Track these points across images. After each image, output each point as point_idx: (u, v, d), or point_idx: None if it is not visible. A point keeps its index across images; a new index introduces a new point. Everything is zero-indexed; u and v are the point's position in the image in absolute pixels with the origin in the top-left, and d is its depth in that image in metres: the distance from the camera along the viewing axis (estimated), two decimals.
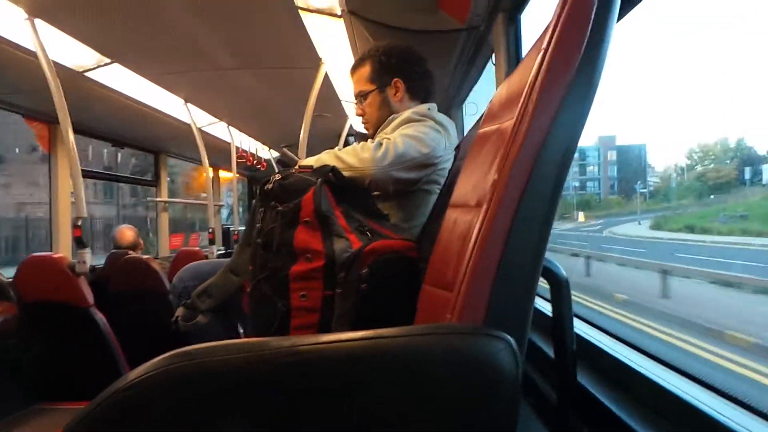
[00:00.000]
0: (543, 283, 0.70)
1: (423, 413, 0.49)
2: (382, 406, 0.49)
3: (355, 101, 1.60)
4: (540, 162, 0.54)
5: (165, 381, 0.48)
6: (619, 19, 0.58)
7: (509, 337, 0.49)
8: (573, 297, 0.73)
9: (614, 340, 0.97)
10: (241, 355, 0.49)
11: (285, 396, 0.49)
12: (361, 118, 1.61)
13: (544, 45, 0.56)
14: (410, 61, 1.52)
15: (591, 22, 0.53)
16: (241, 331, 1.77)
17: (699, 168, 20.70)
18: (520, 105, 0.57)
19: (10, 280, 2.36)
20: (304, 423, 0.49)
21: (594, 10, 0.53)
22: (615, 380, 0.84)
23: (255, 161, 4.85)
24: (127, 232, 3.47)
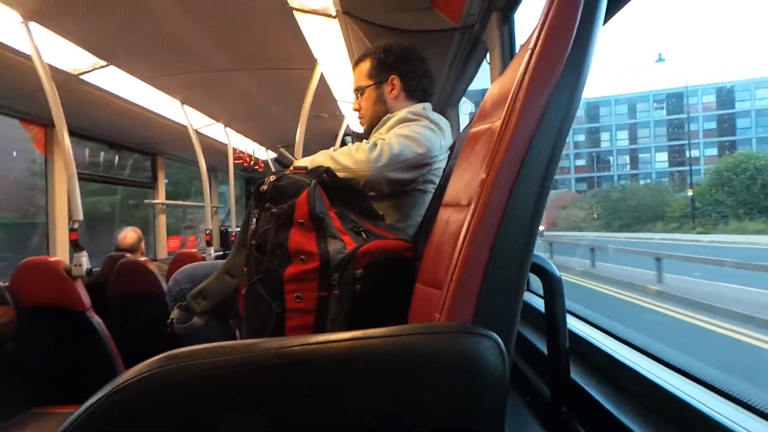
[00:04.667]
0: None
1: (412, 412, 0.49)
2: (372, 406, 0.50)
3: (354, 96, 1.62)
4: (528, 160, 0.54)
5: (153, 384, 0.48)
6: (605, 22, 0.59)
7: (495, 335, 0.49)
8: None
9: (606, 336, 0.98)
10: (230, 358, 0.49)
11: (274, 397, 0.49)
12: (357, 113, 1.62)
13: (531, 45, 0.56)
14: (408, 59, 1.54)
15: (577, 22, 0.53)
16: (238, 333, 1.78)
17: None
18: (507, 104, 0.57)
19: (6, 284, 2.36)
20: (293, 424, 0.49)
21: (580, 11, 0.54)
22: (607, 376, 0.85)
23: (252, 162, 4.85)
24: (129, 234, 3.48)
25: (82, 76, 2.48)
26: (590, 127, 42.92)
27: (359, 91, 1.58)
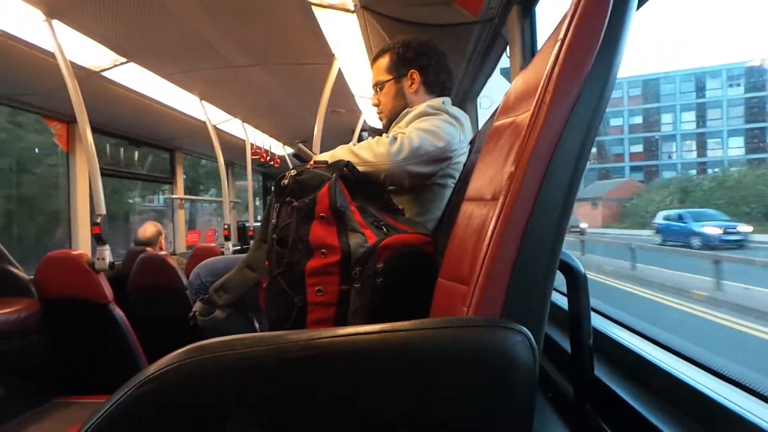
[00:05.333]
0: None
1: (440, 405, 0.49)
2: (400, 398, 0.49)
3: (373, 91, 1.62)
4: (557, 154, 0.53)
5: (181, 375, 0.48)
6: (638, 8, 0.57)
7: (526, 329, 0.49)
8: None
9: (632, 334, 0.96)
10: (258, 349, 0.49)
11: (302, 389, 0.49)
12: (376, 109, 1.62)
13: (561, 35, 0.55)
14: (428, 54, 1.53)
15: (609, 12, 0.52)
16: (257, 326, 1.79)
17: None
18: (537, 97, 0.56)
19: (32, 277, 2.41)
20: (321, 416, 0.49)
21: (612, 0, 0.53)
22: (632, 374, 0.84)
23: (269, 158, 4.88)
24: (149, 228, 3.52)
25: (103, 73, 2.52)
26: (649, 107, 35.98)
27: (378, 86, 1.58)
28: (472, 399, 0.49)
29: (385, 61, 1.56)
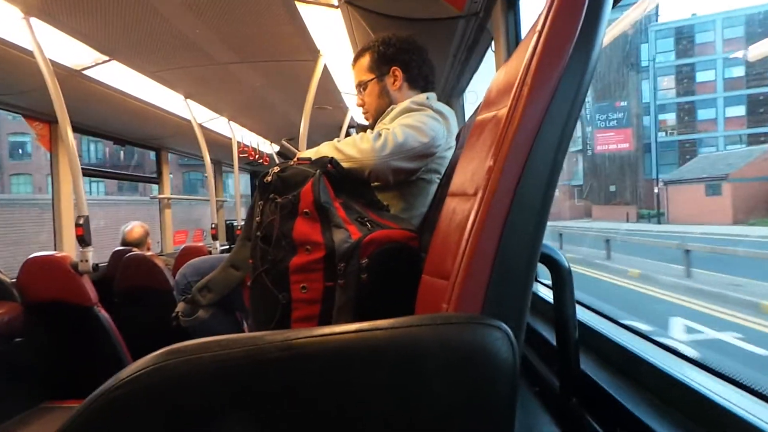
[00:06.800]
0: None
1: (420, 404, 0.49)
2: (379, 397, 0.49)
3: (356, 92, 1.60)
4: (536, 146, 0.53)
5: (156, 378, 0.47)
6: (614, 5, 0.57)
7: (505, 325, 0.48)
8: None
9: (617, 326, 0.96)
10: (234, 351, 0.48)
11: (279, 391, 0.48)
12: (361, 108, 1.61)
13: (538, 28, 0.55)
14: (408, 50, 1.52)
15: (586, 3, 0.52)
16: (245, 325, 1.78)
17: None
18: (514, 90, 0.56)
19: (14, 280, 2.37)
20: (300, 417, 0.48)
21: None
22: (617, 367, 0.84)
23: (257, 156, 4.84)
24: (135, 229, 3.48)
25: (84, 72, 2.48)
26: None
27: (362, 86, 1.57)
28: (453, 396, 0.49)
29: (366, 60, 1.55)
